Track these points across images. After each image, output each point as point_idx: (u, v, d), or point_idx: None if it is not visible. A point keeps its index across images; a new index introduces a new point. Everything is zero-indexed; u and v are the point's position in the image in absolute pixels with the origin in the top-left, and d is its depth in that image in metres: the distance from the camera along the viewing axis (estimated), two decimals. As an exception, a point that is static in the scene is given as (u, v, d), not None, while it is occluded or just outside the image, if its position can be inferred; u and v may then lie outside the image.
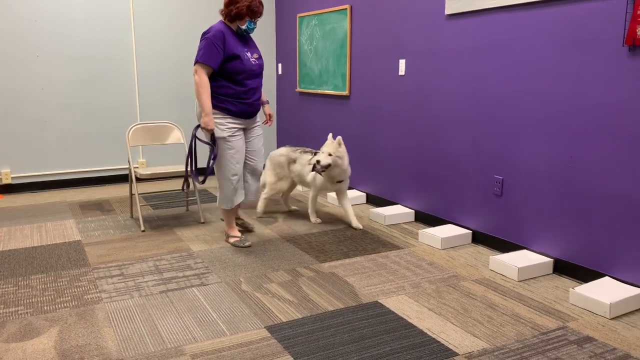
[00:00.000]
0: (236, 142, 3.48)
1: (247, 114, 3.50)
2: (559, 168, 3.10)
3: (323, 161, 3.80)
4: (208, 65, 3.31)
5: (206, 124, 3.36)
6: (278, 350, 2.28)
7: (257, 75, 3.51)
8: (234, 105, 3.42)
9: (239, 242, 3.64)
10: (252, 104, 3.51)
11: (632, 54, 2.67)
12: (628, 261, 2.78)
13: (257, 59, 3.50)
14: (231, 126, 3.45)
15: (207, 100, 3.32)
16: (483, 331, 2.46)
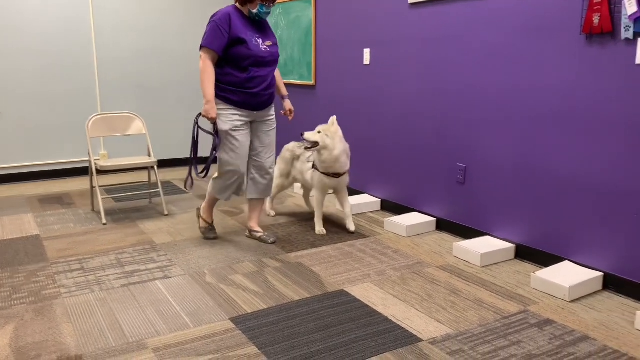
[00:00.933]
0: (239, 136, 3.22)
1: (253, 105, 3.22)
2: (520, 155, 3.15)
3: (307, 136, 3.49)
4: (212, 49, 3.08)
5: (207, 112, 3.14)
6: (243, 342, 2.26)
7: (267, 64, 3.21)
8: (236, 95, 3.16)
9: (205, 232, 3.55)
10: (258, 94, 3.21)
11: (589, 42, 2.72)
12: (586, 245, 2.85)
13: (269, 47, 3.21)
14: (234, 119, 3.19)
15: (209, 87, 3.10)
16: (447, 317, 2.48)
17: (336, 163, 3.51)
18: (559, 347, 2.22)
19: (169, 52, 5.82)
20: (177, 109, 5.97)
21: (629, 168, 2.62)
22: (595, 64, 2.71)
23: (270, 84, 3.26)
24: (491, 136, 3.31)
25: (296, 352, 2.17)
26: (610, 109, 2.67)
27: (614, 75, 2.63)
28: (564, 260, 2.96)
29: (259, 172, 3.43)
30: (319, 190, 3.67)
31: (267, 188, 3.50)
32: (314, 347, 2.21)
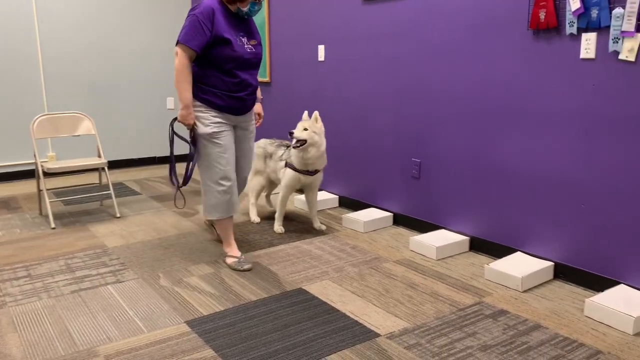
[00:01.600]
0: (224, 138, 2.91)
1: (237, 110, 2.95)
2: (473, 150, 3.20)
3: (297, 134, 3.32)
4: (190, 48, 2.74)
5: (183, 117, 2.83)
6: (198, 345, 2.21)
7: (252, 66, 2.94)
8: (221, 99, 2.87)
9: (236, 265, 3.00)
10: (244, 99, 2.94)
11: (536, 38, 2.79)
12: (537, 236, 2.92)
13: (254, 46, 2.92)
14: (217, 120, 2.90)
15: (186, 89, 2.78)
16: (404, 311, 2.50)
17: (319, 160, 3.47)
18: (513, 336, 2.26)
19: (120, 48, 5.65)
20: (128, 108, 5.81)
21: (576, 160, 2.70)
22: (542, 59, 2.78)
23: (254, 88, 3.01)
24: (445, 131, 3.36)
25: (254, 353, 2.14)
26: (558, 103, 2.74)
27: (560, 69, 2.70)
28: (517, 252, 3.03)
29: (239, 177, 3.19)
30: (289, 188, 3.56)
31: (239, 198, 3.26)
32: (271, 347, 2.18)
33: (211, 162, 2.91)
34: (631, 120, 2.46)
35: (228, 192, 2.96)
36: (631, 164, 2.48)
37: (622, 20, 2.42)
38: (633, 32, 2.40)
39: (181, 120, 2.86)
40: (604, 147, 2.58)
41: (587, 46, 2.58)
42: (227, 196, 2.97)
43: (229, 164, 2.94)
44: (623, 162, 2.51)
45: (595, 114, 2.59)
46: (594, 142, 2.61)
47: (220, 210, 3.00)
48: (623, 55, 2.45)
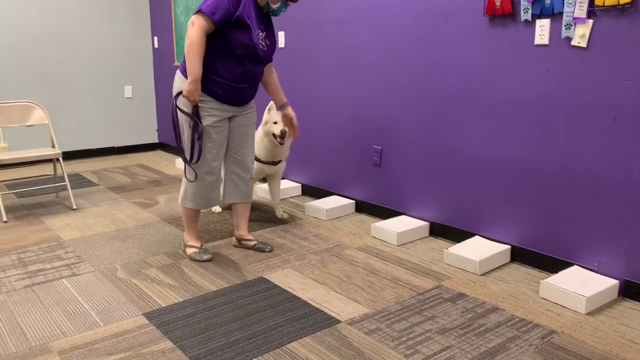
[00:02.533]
0: (217, 134, 2.79)
1: (236, 100, 2.81)
2: (431, 136, 3.22)
3: (282, 130, 3.24)
4: (211, 19, 2.55)
5: (190, 92, 2.63)
6: (157, 337, 2.17)
7: (259, 60, 2.79)
8: (223, 89, 2.72)
9: (197, 255, 2.95)
10: (245, 90, 2.80)
11: (492, 24, 2.82)
12: (495, 220, 2.97)
13: (267, 46, 2.82)
14: (214, 113, 2.76)
15: (197, 62, 2.59)
16: (365, 296, 2.51)
17: (287, 151, 3.50)
18: (471, 319, 2.30)
19: (75, 34, 5.47)
20: (84, 96, 5.64)
21: (531, 145, 2.75)
22: (498, 45, 2.81)
23: (257, 80, 2.87)
24: (404, 117, 3.37)
25: (213, 344, 2.12)
26: (514, 89, 2.78)
27: (516, 55, 2.74)
28: (475, 236, 3.08)
29: (241, 169, 2.99)
30: (254, 178, 3.47)
31: (249, 189, 3.05)
32: (231, 337, 2.16)
33: (205, 153, 2.80)
34: (583, 105, 2.52)
35: (210, 186, 2.87)
36: (584, 148, 2.54)
37: (574, 6, 2.47)
38: (585, 18, 2.44)
39: (186, 95, 2.65)
40: (558, 132, 2.63)
41: (541, 32, 2.61)
42: (209, 191, 2.87)
43: (216, 160, 2.83)
44: (576, 147, 2.57)
45: (549, 99, 2.64)
46: (549, 127, 2.66)
47: (198, 203, 2.90)
48: (575, 42, 2.50)
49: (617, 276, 2.51)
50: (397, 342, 2.12)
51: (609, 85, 2.42)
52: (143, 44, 5.94)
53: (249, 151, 3.00)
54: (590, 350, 2.06)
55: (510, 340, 2.13)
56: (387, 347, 2.09)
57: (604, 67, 2.43)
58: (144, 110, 6.05)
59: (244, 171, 3.00)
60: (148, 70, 6.02)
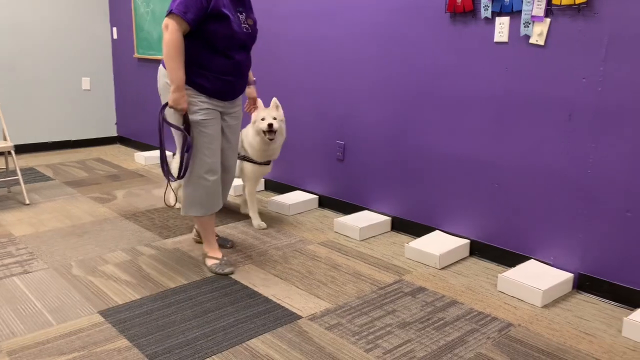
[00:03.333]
0: (211, 127, 2.60)
1: (226, 94, 2.63)
2: (394, 131, 3.24)
3: (275, 125, 3.10)
4: (185, 20, 2.38)
5: (176, 102, 2.45)
6: (112, 335, 2.11)
7: (245, 47, 2.63)
8: (211, 82, 2.55)
9: (217, 267, 2.70)
10: (235, 83, 2.63)
11: (453, 21, 2.84)
12: (455, 215, 3.01)
13: (250, 26, 2.63)
14: (204, 106, 2.57)
15: (178, 68, 2.42)
16: (326, 292, 2.51)
17: (278, 150, 3.34)
18: (430, 313, 2.32)
19: (29, 24, 5.26)
20: (39, 88, 5.44)
21: (490, 141, 2.79)
22: (459, 42, 2.84)
23: (246, 71, 2.71)
24: (367, 113, 3.38)
25: (171, 341, 2.07)
26: (474, 86, 2.81)
27: (476, 53, 2.77)
28: (435, 230, 3.11)
29: (224, 170, 2.82)
30: (253, 181, 3.36)
31: (226, 190, 2.91)
32: (190, 335, 2.12)
33: (196, 153, 2.59)
34: (540, 102, 2.57)
35: (213, 187, 2.65)
36: (541, 144, 2.60)
37: (532, 5, 2.51)
38: (542, 16, 2.49)
39: (173, 105, 2.47)
40: (516, 128, 2.68)
41: (501, 30, 2.65)
42: (212, 191, 2.66)
43: (215, 156, 2.64)
44: (534, 143, 2.62)
45: (508, 96, 2.68)
46: (507, 123, 2.71)
47: (204, 207, 2.66)
48: (533, 39, 2.54)
49: (571, 270, 2.57)
50: (357, 337, 2.12)
51: (565, 82, 2.47)
52: (101, 34, 5.77)
53: (233, 150, 2.83)
54: (545, 342, 2.11)
55: (468, 334, 2.16)
56: (348, 342, 2.09)
57: (560, 65, 2.48)
58: (102, 103, 5.89)
59: (225, 171, 2.82)
60: (107, 62, 5.86)
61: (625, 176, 2.35)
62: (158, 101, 5.31)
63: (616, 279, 2.43)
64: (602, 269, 2.47)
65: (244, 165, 3.34)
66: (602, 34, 2.33)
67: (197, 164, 2.59)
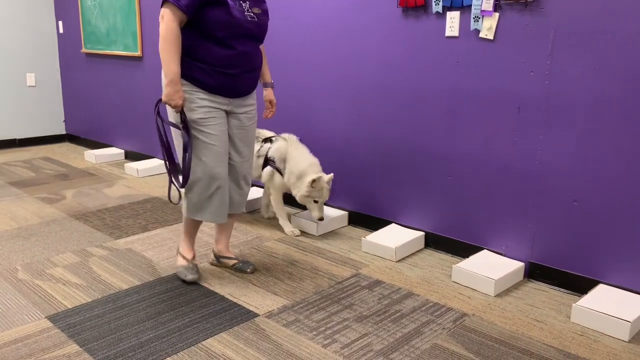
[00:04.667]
0: (213, 127, 2.34)
1: (230, 90, 2.36)
2: (349, 125, 3.24)
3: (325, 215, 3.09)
4: (180, 9, 2.18)
5: (169, 97, 2.23)
6: (61, 340, 2.03)
7: (252, 37, 2.36)
8: (210, 76, 2.30)
9: (182, 271, 2.55)
10: (238, 76, 2.35)
11: (406, 16, 2.86)
12: (410, 208, 3.04)
13: (257, 15, 2.36)
14: (203, 104, 2.32)
15: (172, 60, 2.20)
16: (284, 288, 2.49)
17: None
18: (387, 305, 2.34)
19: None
20: (-20, 84, 5.19)
21: (442, 134, 2.83)
22: (411, 37, 2.86)
23: (255, 64, 2.42)
24: (323, 107, 3.37)
25: (124, 344, 2.01)
26: (426, 80, 2.84)
27: (428, 47, 2.80)
28: (391, 223, 3.13)
29: (232, 180, 2.53)
30: (279, 190, 3.18)
31: (241, 202, 2.58)
32: (143, 337, 2.07)
33: (195, 155, 2.34)
34: (490, 96, 2.62)
35: (216, 195, 2.39)
36: (491, 137, 2.65)
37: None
38: (491, 11, 2.53)
39: (166, 101, 2.25)
40: (467, 121, 2.72)
41: (452, 24, 2.69)
42: (214, 200, 2.40)
43: (219, 159, 2.37)
44: (484, 136, 2.67)
45: (459, 90, 2.72)
46: (459, 117, 2.75)
47: (206, 214, 2.43)
48: (483, 34, 2.58)
49: (523, 259, 2.64)
50: (315, 333, 2.12)
51: (514, 76, 2.53)
52: (46, 28, 5.54)
53: (247, 157, 2.54)
54: (498, 330, 2.16)
55: (424, 325, 2.18)
56: (306, 338, 2.08)
57: (509, 59, 2.53)
58: (49, 99, 5.67)
59: (240, 180, 2.54)
60: (53, 57, 5.64)
61: (571, 167, 2.42)
62: (109, 97, 5.16)
63: (564, 266, 2.51)
64: (551, 257, 2.55)
65: (277, 177, 3.14)
66: (548, 28, 2.39)
67: (197, 167, 2.36)
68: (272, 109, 2.75)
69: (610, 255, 2.37)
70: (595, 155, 2.35)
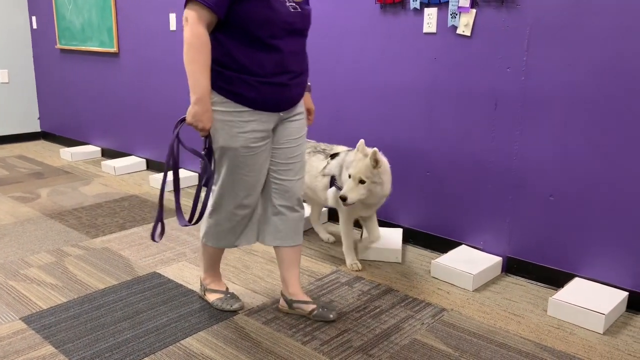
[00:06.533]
0: (257, 157, 1.97)
1: (279, 103, 1.96)
2: (325, 121, 3.24)
3: (350, 197, 2.35)
4: (209, 8, 1.79)
5: (196, 117, 1.83)
6: (36, 342, 2.00)
7: (298, 33, 1.95)
8: (254, 88, 1.88)
9: (222, 303, 2.24)
10: (288, 85, 1.95)
11: (383, 12, 2.86)
12: (388, 204, 3.05)
13: (298, 4, 1.93)
14: (249, 128, 1.92)
15: (200, 72, 1.80)
16: (263, 286, 2.48)
17: (383, 199, 2.54)
18: (367, 301, 2.34)
19: None
20: (-50, 81, 5.06)
21: (421, 130, 2.84)
22: (389, 33, 2.86)
23: (304, 65, 2.02)
24: (301, 104, 3.35)
25: (100, 345, 1.98)
26: (403, 76, 2.85)
27: (406, 43, 2.81)
28: (371, 220, 3.14)
29: (285, 200, 2.12)
30: (348, 217, 2.65)
31: (298, 227, 2.18)
32: (120, 337, 2.04)
33: (231, 185, 1.99)
34: (468, 92, 2.63)
35: (241, 223, 2.10)
36: (469, 133, 2.67)
37: (458, -4, 2.56)
38: (468, 7, 2.54)
39: (192, 122, 1.84)
40: (445, 117, 2.74)
41: (429, 20, 2.69)
42: (239, 226, 2.10)
43: (254, 189, 2.03)
44: (462, 132, 2.69)
45: (436, 86, 2.73)
46: (437, 113, 2.76)
47: (223, 240, 2.13)
48: (460, 30, 2.60)
49: (500, 253, 2.67)
50: (294, 330, 2.11)
51: (491, 72, 2.55)
52: (19, 24, 5.42)
53: (297, 175, 2.12)
54: (476, 325, 2.18)
55: (403, 320, 2.19)
56: (285, 336, 2.07)
57: (486, 55, 2.55)
58: (23, 96, 5.55)
59: (292, 203, 2.14)
60: (26, 53, 5.52)
61: (547, 162, 2.45)
62: (85, 94, 5.07)
63: (541, 261, 2.54)
64: (528, 252, 2.58)
65: (336, 194, 2.57)
66: (524, 24, 2.41)
67: (227, 199, 2.02)
68: (309, 117, 2.26)
69: (585, 249, 2.41)
70: (571, 150, 2.38)
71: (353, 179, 2.36)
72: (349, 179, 2.37)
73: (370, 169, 2.36)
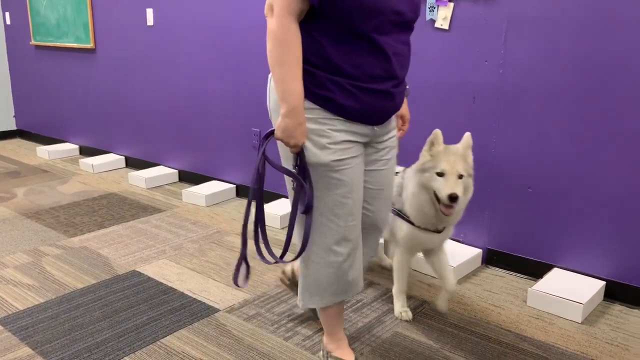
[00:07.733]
0: (350, 170, 1.60)
1: (380, 114, 1.62)
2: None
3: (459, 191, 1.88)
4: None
5: (289, 132, 1.51)
6: (12, 344, 1.96)
7: (405, 26, 1.56)
8: (353, 95, 1.54)
9: None
10: (392, 93, 1.60)
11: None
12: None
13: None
14: (340, 138, 1.57)
15: (295, 75, 1.47)
16: (244, 283, 2.46)
17: (460, 214, 2.05)
18: (349, 296, 2.34)
19: None
20: None
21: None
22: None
23: (406, 68, 1.65)
24: (281, 99, 3.33)
25: (79, 345, 1.95)
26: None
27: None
28: (353, 214, 3.14)
29: (368, 230, 1.82)
30: (407, 249, 2.16)
31: (376, 242, 1.90)
32: (99, 337, 2.01)
33: (324, 212, 1.62)
34: (446, 85, 2.64)
35: (346, 262, 1.67)
36: (448, 126, 2.67)
37: (436, -10, 2.56)
38: (446, 1, 2.55)
39: (282, 138, 1.52)
40: (424, 111, 2.74)
41: (408, 15, 2.69)
42: (344, 270, 1.68)
43: (353, 216, 1.64)
44: (441, 125, 2.69)
45: (415, 80, 2.74)
46: (416, 107, 2.76)
47: (331, 292, 1.72)
48: (438, 24, 2.60)
49: (480, 245, 2.69)
50: (277, 326, 2.10)
51: (469, 65, 2.56)
52: (-8, 19, 5.31)
53: (384, 203, 1.81)
54: (457, 317, 2.19)
55: (385, 314, 2.20)
56: (267, 332, 2.06)
57: (464, 49, 2.56)
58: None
59: (370, 229, 1.83)
60: (0, 50, 5.41)
61: (525, 154, 2.47)
62: (61, 91, 4.99)
63: (520, 252, 2.57)
64: (507, 243, 2.60)
65: (397, 223, 2.15)
66: (501, 18, 2.42)
67: (323, 231, 1.64)
68: (402, 128, 1.97)
69: (563, 240, 2.44)
70: (548, 142, 2.40)
71: (451, 174, 1.89)
72: (439, 178, 1.91)
73: (468, 160, 1.95)
